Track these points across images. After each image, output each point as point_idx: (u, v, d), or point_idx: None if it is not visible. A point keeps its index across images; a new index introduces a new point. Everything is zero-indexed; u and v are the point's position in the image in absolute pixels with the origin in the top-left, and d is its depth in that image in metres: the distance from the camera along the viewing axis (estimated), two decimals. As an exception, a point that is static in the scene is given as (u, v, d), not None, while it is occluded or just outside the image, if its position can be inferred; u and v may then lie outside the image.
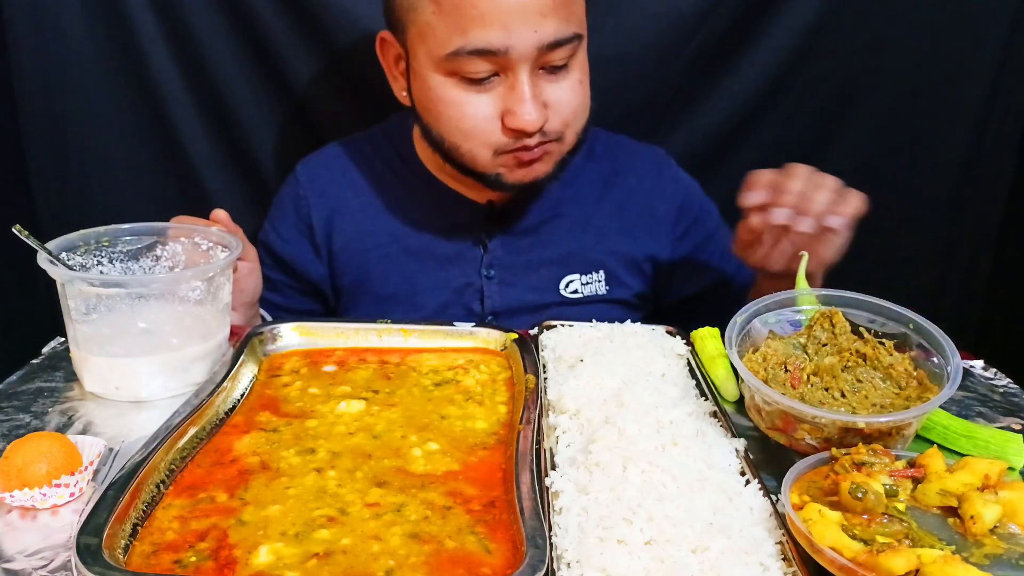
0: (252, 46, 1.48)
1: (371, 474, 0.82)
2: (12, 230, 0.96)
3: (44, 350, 1.10)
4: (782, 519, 0.73)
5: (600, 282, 1.33)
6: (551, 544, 0.69)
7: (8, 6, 1.41)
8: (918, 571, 0.63)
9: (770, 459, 0.86)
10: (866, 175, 1.31)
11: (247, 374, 1.00)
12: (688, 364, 1.03)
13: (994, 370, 1.08)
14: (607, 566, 0.66)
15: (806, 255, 1.03)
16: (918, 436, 0.89)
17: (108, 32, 1.45)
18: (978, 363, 1.10)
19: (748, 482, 0.78)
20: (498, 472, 0.82)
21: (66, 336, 1.02)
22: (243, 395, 0.97)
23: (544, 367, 1.01)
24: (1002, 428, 0.93)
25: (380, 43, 1.22)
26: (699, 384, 0.98)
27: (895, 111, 1.56)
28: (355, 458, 0.84)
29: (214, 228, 1.10)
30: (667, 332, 1.09)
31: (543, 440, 0.86)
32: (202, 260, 1.08)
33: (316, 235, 1.34)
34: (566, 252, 1.32)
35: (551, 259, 1.32)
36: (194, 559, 0.70)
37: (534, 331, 1.10)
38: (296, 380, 1.00)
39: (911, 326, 0.92)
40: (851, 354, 0.91)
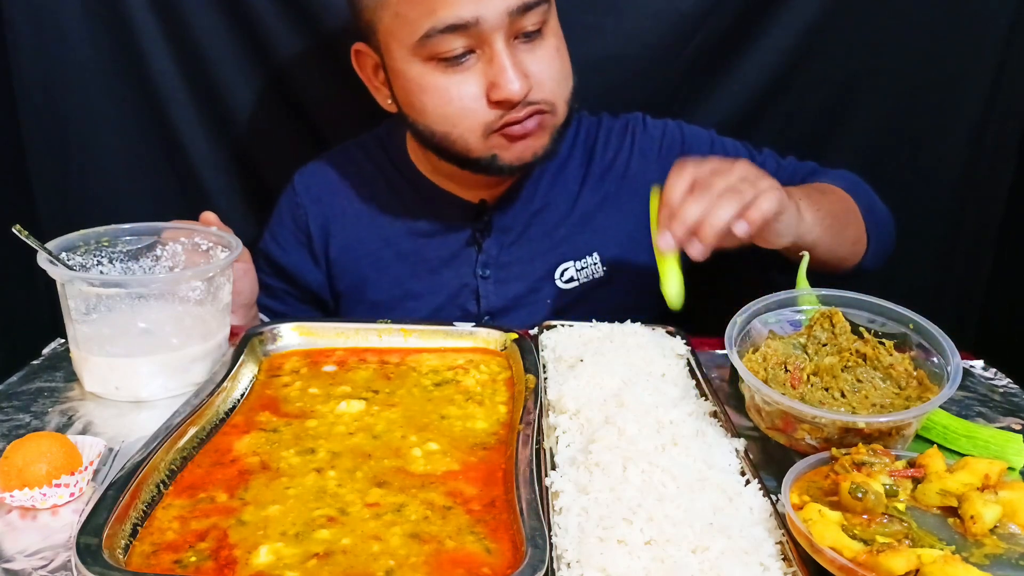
0: (252, 46, 1.48)
1: (371, 474, 0.82)
2: (12, 230, 0.96)
3: (44, 351, 1.10)
4: (782, 519, 0.72)
5: (596, 264, 1.31)
6: (551, 544, 0.69)
7: (8, 6, 1.41)
8: (918, 571, 0.63)
9: (770, 459, 0.86)
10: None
11: (247, 374, 1.00)
12: (688, 364, 1.02)
13: (994, 370, 1.08)
14: (607, 566, 0.66)
15: (806, 255, 1.03)
16: (918, 436, 0.89)
17: (108, 32, 1.45)
18: (978, 363, 1.10)
19: (748, 482, 0.78)
20: (498, 472, 0.82)
21: (66, 336, 1.02)
22: (243, 395, 0.97)
23: (544, 367, 1.01)
24: (1002, 428, 0.93)
25: (356, 56, 1.22)
26: (699, 384, 0.98)
27: (895, 111, 1.56)
28: (355, 458, 0.84)
29: (213, 228, 1.10)
30: (667, 332, 1.09)
31: (543, 440, 0.86)
32: (202, 260, 1.08)
33: (314, 243, 1.35)
34: (557, 240, 1.31)
35: (543, 250, 1.31)
36: (194, 559, 0.70)
37: (534, 331, 1.10)
38: (296, 380, 1.00)
39: (911, 326, 0.92)
40: (851, 354, 0.91)
